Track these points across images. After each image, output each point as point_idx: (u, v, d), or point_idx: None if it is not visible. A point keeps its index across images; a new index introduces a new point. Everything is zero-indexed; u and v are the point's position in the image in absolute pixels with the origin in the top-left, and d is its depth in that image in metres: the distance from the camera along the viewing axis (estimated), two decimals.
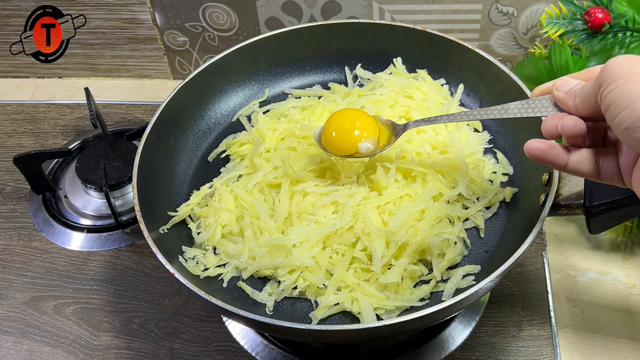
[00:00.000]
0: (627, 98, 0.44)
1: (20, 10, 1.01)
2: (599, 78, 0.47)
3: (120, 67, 1.09)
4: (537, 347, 0.72)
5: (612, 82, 0.45)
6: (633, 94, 0.44)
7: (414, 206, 0.65)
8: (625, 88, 0.44)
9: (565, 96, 0.51)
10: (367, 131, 0.66)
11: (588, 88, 0.49)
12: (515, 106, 0.56)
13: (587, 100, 0.49)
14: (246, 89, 0.85)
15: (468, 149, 0.72)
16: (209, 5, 0.97)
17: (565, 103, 0.51)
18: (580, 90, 0.50)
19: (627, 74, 0.45)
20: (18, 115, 1.05)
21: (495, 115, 0.57)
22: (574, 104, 0.50)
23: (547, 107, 0.53)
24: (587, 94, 0.49)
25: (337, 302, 0.63)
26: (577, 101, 0.50)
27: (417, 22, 0.95)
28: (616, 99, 0.45)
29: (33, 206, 0.92)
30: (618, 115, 0.45)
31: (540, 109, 0.54)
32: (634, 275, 0.77)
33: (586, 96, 0.49)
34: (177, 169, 0.77)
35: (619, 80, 0.45)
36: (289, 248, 0.64)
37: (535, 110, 0.54)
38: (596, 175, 0.51)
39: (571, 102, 0.51)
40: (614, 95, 0.45)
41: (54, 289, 0.82)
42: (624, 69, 0.45)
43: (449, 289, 0.63)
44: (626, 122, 0.44)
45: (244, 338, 0.75)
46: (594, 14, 0.78)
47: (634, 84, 0.44)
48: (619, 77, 0.45)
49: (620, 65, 0.45)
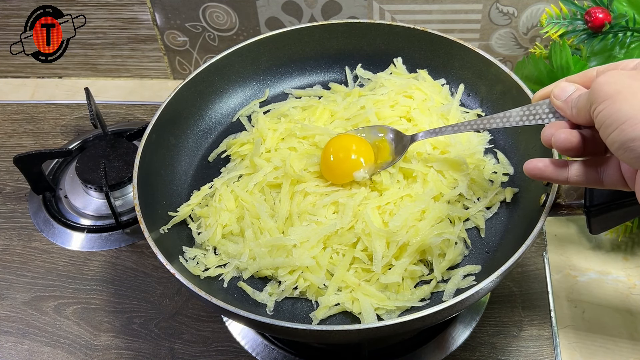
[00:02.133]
0: (616, 119, 0.44)
1: (20, 10, 1.01)
2: (589, 96, 0.47)
3: (121, 67, 1.09)
4: (537, 347, 0.72)
5: (600, 103, 0.46)
6: (620, 115, 0.44)
7: (414, 206, 0.65)
8: (612, 109, 0.44)
9: (563, 105, 0.52)
10: (363, 158, 0.67)
11: (582, 102, 0.49)
12: (517, 113, 0.57)
13: (582, 112, 0.49)
14: (246, 89, 0.85)
15: (469, 149, 0.72)
16: (209, 5, 0.97)
17: (563, 111, 0.52)
18: (575, 102, 0.50)
19: (614, 94, 0.45)
20: (18, 115, 1.05)
21: (498, 124, 0.59)
22: (571, 113, 0.51)
23: (548, 113, 0.54)
24: (582, 107, 0.49)
25: (337, 303, 0.63)
26: (574, 112, 0.50)
27: (417, 22, 0.95)
28: (606, 120, 0.45)
29: (33, 206, 0.92)
30: (609, 135, 0.45)
31: (541, 116, 0.55)
32: (634, 275, 0.77)
33: (581, 109, 0.49)
34: (178, 169, 0.77)
35: (607, 101, 0.45)
36: (289, 248, 0.64)
37: (536, 117, 0.55)
38: (598, 183, 0.51)
39: (569, 111, 0.51)
40: (602, 116, 0.45)
41: (54, 289, 0.82)
42: (610, 89, 0.45)
43: (450, 289, 0.63)
44: (616, 143, 0.44)
45: (245, 338, 0.75)
46: (594, 14, 0.78)
47: (621, 104, 0.44)
48: (607, 98, 0.45)
49: (607, 84, 0.46)
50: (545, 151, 0.65)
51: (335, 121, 0.76)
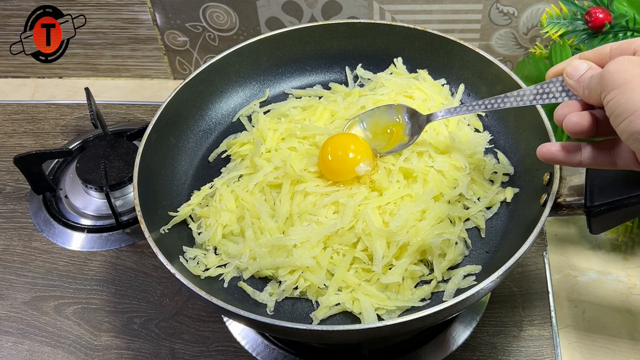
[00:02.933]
0: (625, 109, 0.44)
1: (20, 10, 1.01)
2: (600, 82, 0.47)
3: (121, 67, 1.09)
4: (538, 348, 0.72)
5: (610, 91, 0.45)
6: (629, 105, 0.44)
7: (414, 206, 0.65)
8: (621, 99, 0.44)
9: (576, 84, 0.51)
10: (361, 153, 0.68)
11: (593, 84, 0.48)
12: (530, 92, 0.57)
13: (593, 94, 0.49)
14: (247, 89, 0.85)
15: (469, 149, 0.72)
16: (210, 5, 0.97)
17: (576, 90, 0.51)
18: (587, 83, 0.50)
19: (623, 83, 0.44)
20: (18, 115, 1.05)
21: (512, 103, 0.59)
22: (583, 94, 0.50)
23: (561, 92, 0.54)
24: (593, 89, 0.48)
25: (338, 303, 0.63)
26: (586, 93, 0.50)
27: (417, 22, 0.95)
28: (615, 109, 0.45)
29: (33, 206, 0.92)
30: (618, 125, 0.45)
31: (554, 95, 0.54)
32: (634, 275, 0.77)
33: (592, 91, 0.49)
34: (178, 169, 0.77)
35: (615, 90, 0.45)
36: (289, 248, 0.64)
37: (549, 96, 0.55)
38: (612, 165, 0.51)
39: (581, 91, 0.50)
40: (612, 105, 0.45)
41: (54, 289, 0.82)
42: (619, 77, 0.45)
43: (450, 289, 0.63)
44: (625, 133, 0.44)
45: (245, 338, 0.75)
46: (594, 14, 0.78)
47: (630, 94, 0.44)
48: (616, 87, 0.45)
49: (615, 72, 0.45)
50: None
51: (336, 121, 0.76)
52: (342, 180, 0.68)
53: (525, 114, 0.70)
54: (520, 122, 0.73)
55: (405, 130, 0.70)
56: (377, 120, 0.72)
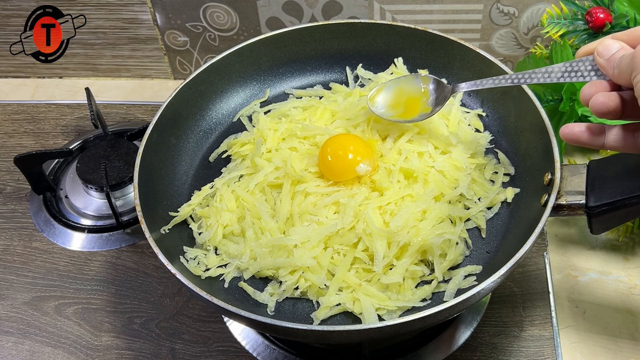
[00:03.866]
0: None
1: (20, 10, 1.01)
2: (631, 61, 0.46)
3: (121, 67, 1.09)
4: (538, 348, 0.72)
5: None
6: None
7: (415, 206, 0.65)
8: None
9: (606, 63, 0.50)
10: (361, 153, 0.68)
11: (624, 64, 0.48)
12: (559, 69, 0.56)
13: (623, 74, 0.48)
14: (247, 89, 0.85)
15: (469, 149, 0.72)
16: (210, 5, 0.97)
17: (605, 70, 0.50)
18: (618, 62, 0.49)
19: None
20: (18, 115, 1.05)
21: (539, 79, 0.58)
22: (612, 73, 0.50)
23: (590, 71, 0.53)
24: (624, 70, 0.48)
25: (338, 303, 0.63)
26: (616, 72, 0.49)
27: (418, 22, 0.95)
28: None
29: (34, 206, 0.92)
30: None
31: (582, 73, 0.53)
32: (635, 275, 0.77)
33: (622, 71, 0.48)
34: (178, 169, 0.77)
35: None
36: (290, 248, 0.64)
37: (577, 74, 0.54)
38: (636, 149, 0.50)
39: (610, 71, 0.50)
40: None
41: (54, 289, 0.82)
42: None
43: (451, 290, 0.63)
44: None
45: (245, 338, 0.75)
46: (595, 14, 0.78)
47: None
48: None
49: None
50: (546, 151, 0.65)
51: (336, 121, 0.76)
52: (343, 180, 0.68)
53: (526, 113, 0.70)
54: (521, 122, 0.73)
55: (430, 100, 0.70)
56: (402, 89, 0.72)
